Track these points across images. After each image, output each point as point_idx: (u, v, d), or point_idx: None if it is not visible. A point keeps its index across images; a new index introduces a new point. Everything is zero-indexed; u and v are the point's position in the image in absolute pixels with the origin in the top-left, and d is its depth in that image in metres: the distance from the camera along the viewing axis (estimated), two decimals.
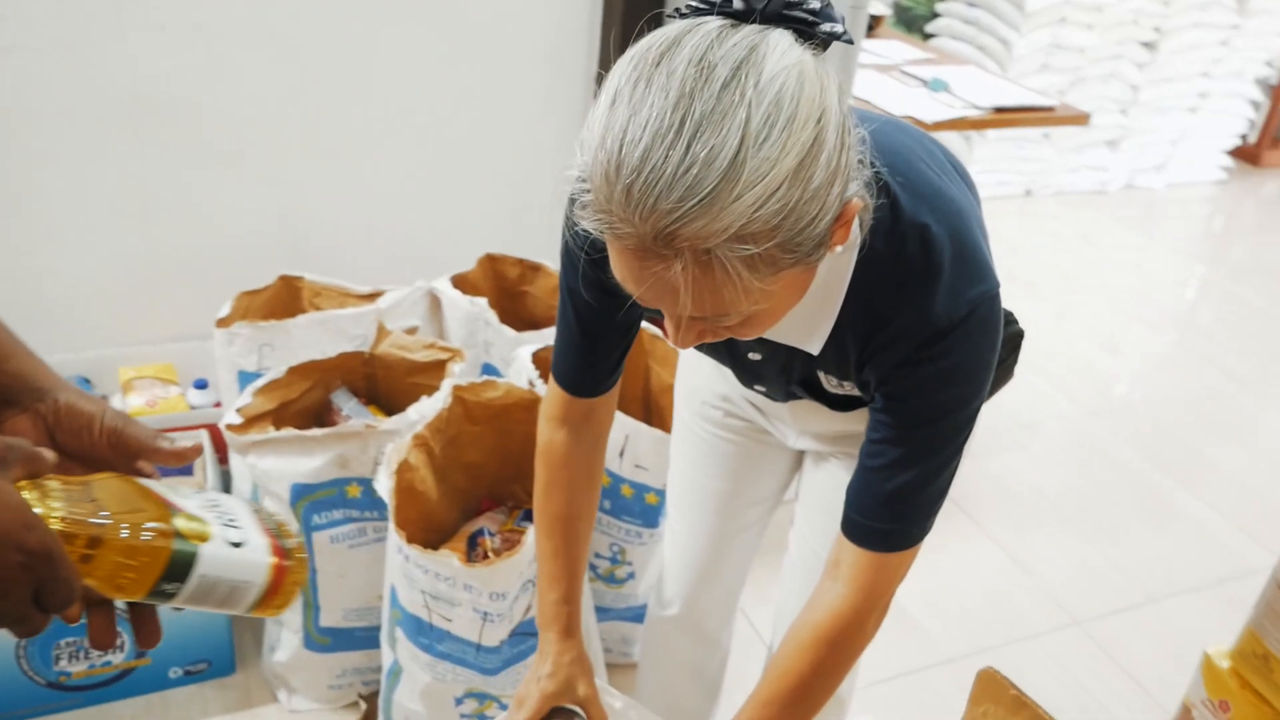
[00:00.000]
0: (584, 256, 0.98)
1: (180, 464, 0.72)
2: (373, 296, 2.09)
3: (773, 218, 0.71)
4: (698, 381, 1.36)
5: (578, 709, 1.24)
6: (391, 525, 1.53)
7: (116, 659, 1.81)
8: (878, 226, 0.88)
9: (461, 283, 2.16)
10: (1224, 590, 2.43)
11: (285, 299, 2.13)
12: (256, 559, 0.66)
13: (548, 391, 1.20)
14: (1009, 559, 2.47)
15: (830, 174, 0.74)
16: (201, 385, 2.28)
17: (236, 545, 0.65)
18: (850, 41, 0.78)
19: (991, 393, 1.03)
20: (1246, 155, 5.59)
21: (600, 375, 1.15)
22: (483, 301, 2.04)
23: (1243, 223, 5.16)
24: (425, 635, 1.56)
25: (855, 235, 0.89)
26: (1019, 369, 1.24)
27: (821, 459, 1.30)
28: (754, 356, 1.09)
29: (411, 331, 2.04)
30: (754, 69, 0.70)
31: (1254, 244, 4.90)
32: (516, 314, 2.21)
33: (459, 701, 1.62)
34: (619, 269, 0.79)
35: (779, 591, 1.42)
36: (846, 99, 0.77)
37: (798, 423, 1.26)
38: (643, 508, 1.78)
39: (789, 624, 1.37)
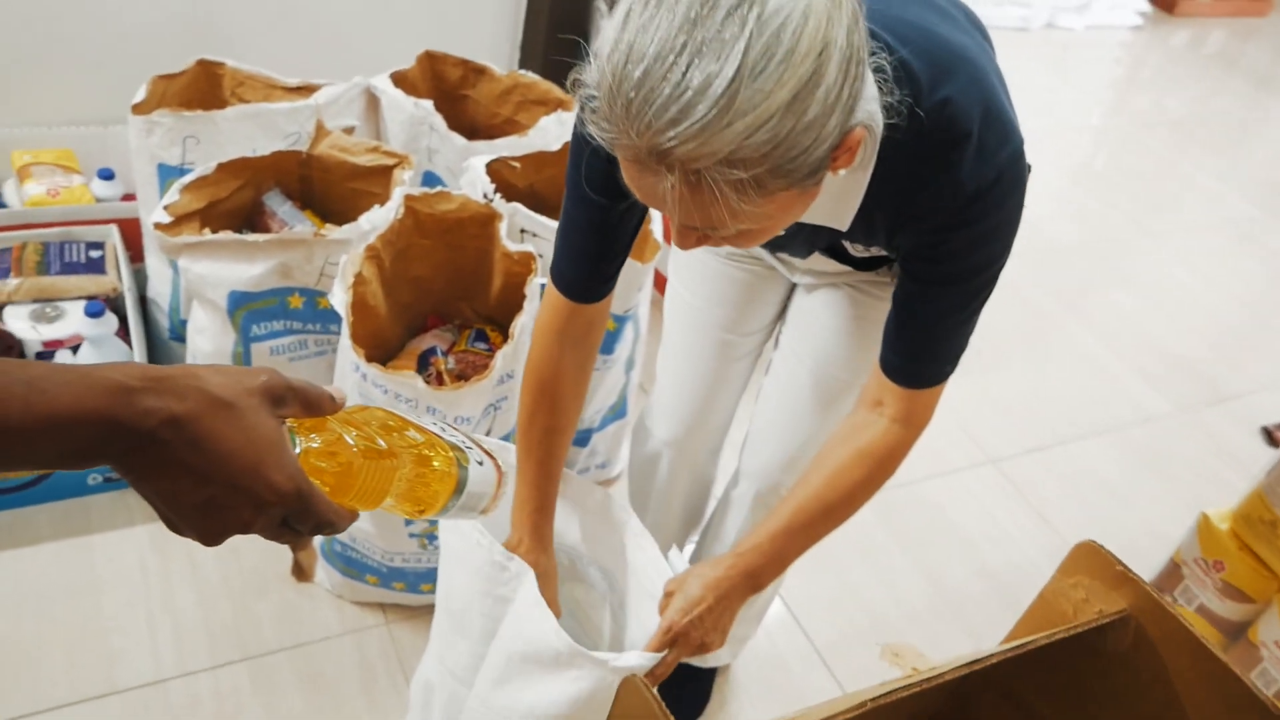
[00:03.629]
0: (589, 152, 0.98)
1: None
2: (304, 90, 1.92)
3: (762, 146, 0.73)
4: None
5: None
6: (348, 342, 1.44)
7: None
8: (900, 106, 0.88)
9: (400, 81, 2.00)
10: (1126, 435, 2.55)
11: (204, 87, 1.94)
12: (490, 474, 0.76)
13: (546, 302, 1.17)
14: None
15: (827, 107, 0.75)
16: (107, 175, 2.10)
17: (480, 464, 0.75)
18: None
19: None
20: (1162, 3, 5.61)
21: (606, 277, 1.14)
22: (428, 104, 1.90)
23: (1153, 71, 5.23)
24: None
25: (871, 152, 0.91)
26: None
27: (813, 288, 1.31)
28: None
29: (349, 132, 1.89)
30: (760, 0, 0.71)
31: (1161, 92, 4.98)
32: (457, 120, 2.06)
33: (408, 522, 1.59)
34: (623, 172, 0.83)
35: (758, 407, 1.42)
36: (858, 30, 0.77)
37: (804, 264, 1.26)
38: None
39: (766, 436, 1.39)
